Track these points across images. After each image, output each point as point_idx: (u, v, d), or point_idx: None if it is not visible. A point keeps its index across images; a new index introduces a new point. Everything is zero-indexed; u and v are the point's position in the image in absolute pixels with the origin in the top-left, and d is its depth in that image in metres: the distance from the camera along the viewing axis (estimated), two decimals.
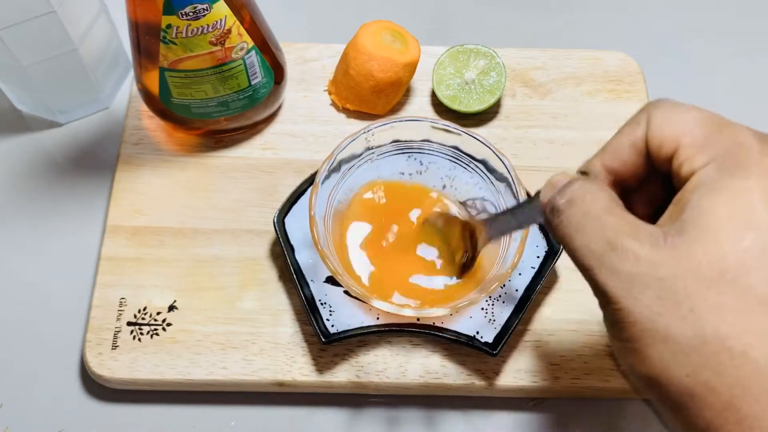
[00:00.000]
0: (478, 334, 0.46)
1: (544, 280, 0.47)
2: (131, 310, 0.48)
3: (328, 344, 0.46)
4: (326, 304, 0.46)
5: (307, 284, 0.47)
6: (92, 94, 0.56)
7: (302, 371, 0.47)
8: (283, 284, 0.50)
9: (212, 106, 0.51)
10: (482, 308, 0.47)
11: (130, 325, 0.48)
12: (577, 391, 0.47)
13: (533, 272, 0.47)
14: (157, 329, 0.48)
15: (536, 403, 0.48)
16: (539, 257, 0.48)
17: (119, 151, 0.55)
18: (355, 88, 0.54)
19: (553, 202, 0.29)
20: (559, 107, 0.57)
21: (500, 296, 0.47)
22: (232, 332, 0.48)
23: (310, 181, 0.50)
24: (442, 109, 0.57)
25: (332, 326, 0.45)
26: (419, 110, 0.57)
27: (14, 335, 0.50)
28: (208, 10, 0.44)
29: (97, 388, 0.48)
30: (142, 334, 0.47)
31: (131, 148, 0.54)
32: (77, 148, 0.57)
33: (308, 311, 0.45)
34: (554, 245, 0.48)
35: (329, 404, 0.48)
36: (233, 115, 0.52)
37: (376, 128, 0.47)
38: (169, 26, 0.45)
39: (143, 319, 0.48)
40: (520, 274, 0.47)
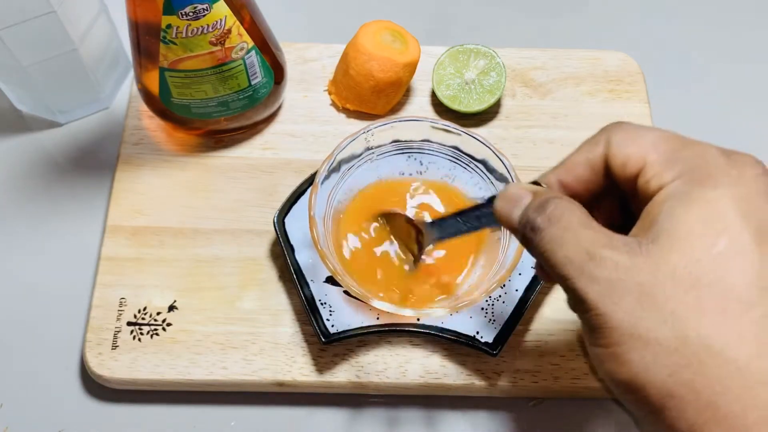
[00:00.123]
0: (478, 334, 0.46)
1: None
2: (131, 310, 0.48)
3: (328, 344, 0.46)
4: (326, 304, 0.46)
5: (307, 284, 0.47)
6: (92, 94, 0.56)
7: (302, 371, 0.47)
8: (283, 284, 0.50)
9: (212, 106, 0.51)
10: (482, 308, 0.47)
11: (130, 325, 0.48)
12: (577, 391, 0.47)
13: (533, 272, 0.47)
14: (157, 329, 0.48)
15: (536, 403, 0.48)
16: None
17: (119, 151, 0.55)
18: (355, 88, 0.54)
19: (531, 222, 0.30)
20: (559, 107, 0.57)
21: (500, 296, 0.47)
22: (232, 332, 0.48)
23: (310, 181, 0.50)
24: (442, 109, 0.57)
25: (332, 326, 0.45)
26: (419, 110, 0.57)
27: (14, 335, 0.50)
28: (208, 10, 0.44)
29: (97, 388, 0.48)
30: (142, 334, 0.47)
31: (131, 148, 0.55)
32: (77, 148, 0.57)
33: (308, 311, 0.45)
34: None
35: (329, 404, 0.48)
36: (233, 115, 0.52)
37: (376, 128, 0.47)
38: (169, 26, 0.45)
39: (143, 319, 0.48)
40: (520, 274, 0.47)
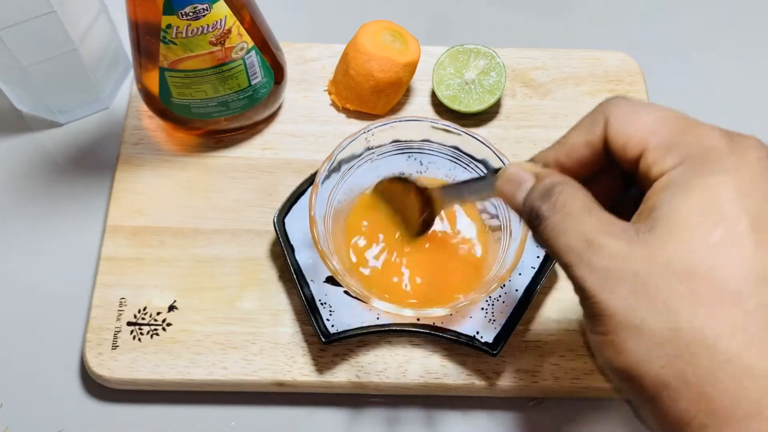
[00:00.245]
0: (478, 334, 0.46)
1: (544, 280, 0.47)
2: (131, 310, 0.48)
3: (328, 344, 0.46)
4: (326, 304, 0.46)
5: (307, 284, 0.47)
6: (92, 94, 0.56)
7: (302, 371, 0.47)
8: (283, 284, 0.50)
9: (212, 106, 0.51)
10: (482, 308, 0.47)
11: (130, 325, 0.48)
12: (577, 391, 0.47)
13: (533, 272, 0.47)
14: (157, 329, 0.48)
15: (536, 403, 0.48)
16: (539, 257, 0.48)
17: (119, 151, 0.55)
18: (355, 88, 0.54)
19: (537, 209, 0.30)
20: (559, 107, 0.57)
21: (500, 296, 0.47)
22: (232, 332, 0.48)
23: (310, 181, 0.50)
24: (442, 109, 0.57)
25: (332, 326, 0.45)
26: (419, 110, 0.57)
27: (14, 335, 0.50)
28: (208, 10, 0.44)
29: (97, 388, 0.48)
30: (142, 334, 0.47)
31: (131, 148, 0.55)
32: (77, 148, 0.57)
33: (308, 311, 0.45)
34: None
35: (329, 404, 0.48)
36: (233, 115, 0.52)
37: (376, 128, 0.47)
38: (169, 26, 0.45)
39: (143, 319, 0.48)
40: (520, 274, 0.47)
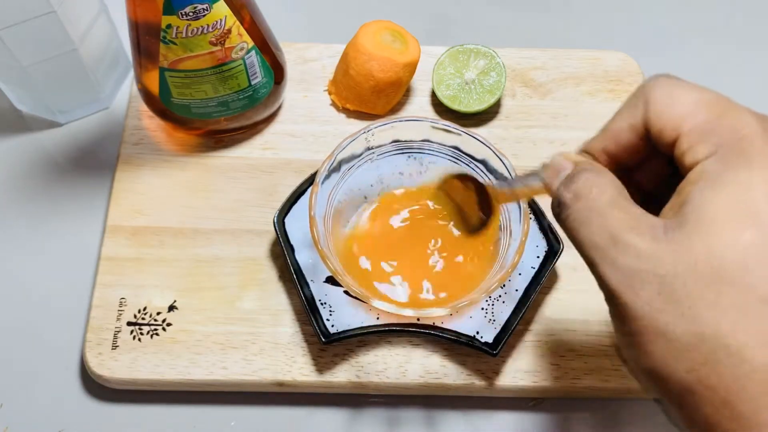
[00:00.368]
0: (478, 334, 0.46)
1: (544, 280, 0.47)
2: (131, 310, 0.48)
3: (328, 344, 0.46)
4: (326, 304, 0.46)
5: (307, 284, 0.47)
6: (92, 94, 0.56)
7: (302, 371, 0.47)
8: (283, 284, 0.50)
9: (212, 106, 0.51)
10: (482, 308, 0.47)
11: (130, 325, 0.48)
12: (577, 391, 0.47)
13: (533, 272, 0.47)
14: (157, 329, 0.48)
15: (536, 403, 0.48)
16: (539, 257, 0.48)
17: (119, 151, 0.55)
18: (355, 88, 0.54)
19: (560, 196, 0.29)
20: (559, 107, 0.57)
21: (500, 296, 0.47)
22: (232, 332, 0.48)
23: (310, 181, 0.50)
24: (442, 109, 0.57)
25: (332, 326, 0.45)
26: (419, 110, 0.57)
27: (14, 335, 0.50)
28: (208, 10, 0.44)
29: (97, 388, 0.48)
30: (142, 334, 0.47)
31: (131, 148, 0.55)
32: (77, 148, 0.57)
33: (308, 311, 0.45)
34: (554, 245, 0.48)
35: (329, 404, 0.48)
36: (233, 115, 0.52)
37: (376, 128, 0.47)
38: (169, 26, 0.45)
39: (143, 319, 0.48)
40: (520, 274, 0.47)
